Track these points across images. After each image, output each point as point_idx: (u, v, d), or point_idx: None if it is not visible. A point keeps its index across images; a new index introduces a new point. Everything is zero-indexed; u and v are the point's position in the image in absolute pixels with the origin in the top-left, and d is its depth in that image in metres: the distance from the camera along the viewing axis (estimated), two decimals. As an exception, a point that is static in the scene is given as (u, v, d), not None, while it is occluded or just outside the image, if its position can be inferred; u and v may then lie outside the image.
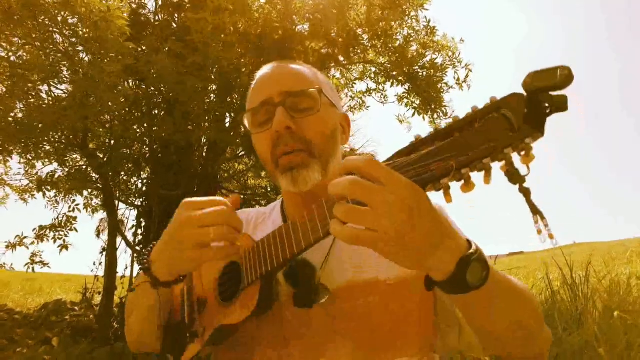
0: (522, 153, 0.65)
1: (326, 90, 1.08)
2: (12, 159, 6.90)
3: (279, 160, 1.01)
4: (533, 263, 13.74)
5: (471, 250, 0.72)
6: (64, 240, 6.52)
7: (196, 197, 0.91)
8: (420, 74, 7.53)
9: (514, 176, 0.65)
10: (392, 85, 7.81)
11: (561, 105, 0.62)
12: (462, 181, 0.68)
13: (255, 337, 0.99)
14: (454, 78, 7.69)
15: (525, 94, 0.63)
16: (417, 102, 7.92)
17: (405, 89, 7.85)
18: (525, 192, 0.65)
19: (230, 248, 0.88)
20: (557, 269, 5.64)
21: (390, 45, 7.59)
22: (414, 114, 8.07)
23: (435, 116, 7.90)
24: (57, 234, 6.56)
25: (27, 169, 7.61)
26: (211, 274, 1.07)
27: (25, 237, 6.53)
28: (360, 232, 0.68)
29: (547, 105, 0.62)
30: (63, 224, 6.68)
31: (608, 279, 5.90)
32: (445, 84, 7.62)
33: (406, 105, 8.05)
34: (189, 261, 0.88)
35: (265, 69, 1.12)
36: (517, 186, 0.65)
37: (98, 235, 9.39)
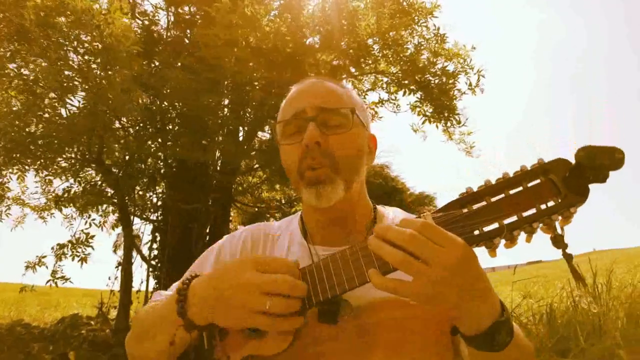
0: (565, 217, 0.70)
1: (358, 110, 1.07)
2: (27, 176, 6.98)
3: (305, 173, 1.01)
4: (553, 271, 13.51)
5: (503, 318, 0.76)
6: (84, 254, 6.58)
7: (261, 255, 0.85)
8: (432, 81, 7.53)
9: (560, 243, 0.70)
10: (404, 94, 7.81)
11: (603, 179, 0.67)
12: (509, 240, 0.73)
13: (285, 357, 0.96)
14: (466, 84, 7.68)
15: (573, 162, 0.68)
16: (430, 110, 7.91)
17: (417, 97, 7.85)
18: (568, 258, 0.71)
19: (282, 322, 0.83)
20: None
21: (401, 55, 7.60)
22: (424, 122, 8.05)
23: (449, 124, 7.86)
24: (75, 251, 6.60)
25: (43, 187, 7.65)
26: None
27: (45, 256, 6.61)
28: (402, 284, 0.74)
29: (590, 176, 0.68)
30: (81, 241, 6.71)
31: (630, 287, 5.77)
32: (458, 90, 7.61)
33: (419, 114, 8.03)
34: (232, 320, 0.85)
35: (301, 83, 1.12)
36: (561, 251, 0.71)
37: (115, 251, 9.44)
